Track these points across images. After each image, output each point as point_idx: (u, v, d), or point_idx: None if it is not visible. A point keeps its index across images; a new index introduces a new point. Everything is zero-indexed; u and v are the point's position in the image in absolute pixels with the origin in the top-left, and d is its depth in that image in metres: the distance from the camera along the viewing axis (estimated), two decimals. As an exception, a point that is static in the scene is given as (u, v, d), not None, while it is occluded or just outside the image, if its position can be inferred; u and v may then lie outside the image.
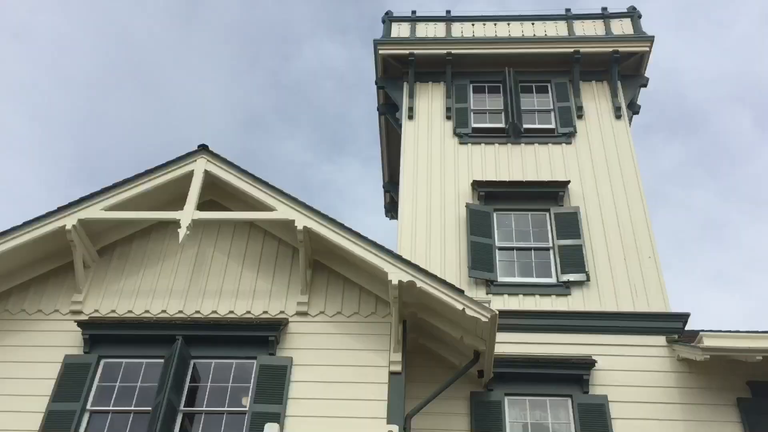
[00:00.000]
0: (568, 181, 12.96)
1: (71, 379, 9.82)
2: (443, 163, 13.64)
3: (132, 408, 9.76)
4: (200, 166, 10.90)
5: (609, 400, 10.33)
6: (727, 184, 40.12)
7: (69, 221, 10.32)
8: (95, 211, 10.47)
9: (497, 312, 9.40)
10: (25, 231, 10.27)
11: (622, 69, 14.94)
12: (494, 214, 12.74)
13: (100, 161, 42.05)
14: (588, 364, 10.57)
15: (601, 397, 10.37)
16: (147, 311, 10.50)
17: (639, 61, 14.96)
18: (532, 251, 12.31)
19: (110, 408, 9.77)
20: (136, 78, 42.35)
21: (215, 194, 11.48)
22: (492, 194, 12.94)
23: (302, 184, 42.25)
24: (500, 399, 10.47)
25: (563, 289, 11.66)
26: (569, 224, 12.39)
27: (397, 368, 9.72)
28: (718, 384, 10.43)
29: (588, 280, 11.68)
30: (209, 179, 11.04)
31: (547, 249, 12.29)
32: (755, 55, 38.65)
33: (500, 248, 12.34)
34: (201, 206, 11.11)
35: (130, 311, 10.51)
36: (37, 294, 10.74)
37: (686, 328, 11.24)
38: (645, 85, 15.03)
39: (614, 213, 12.62)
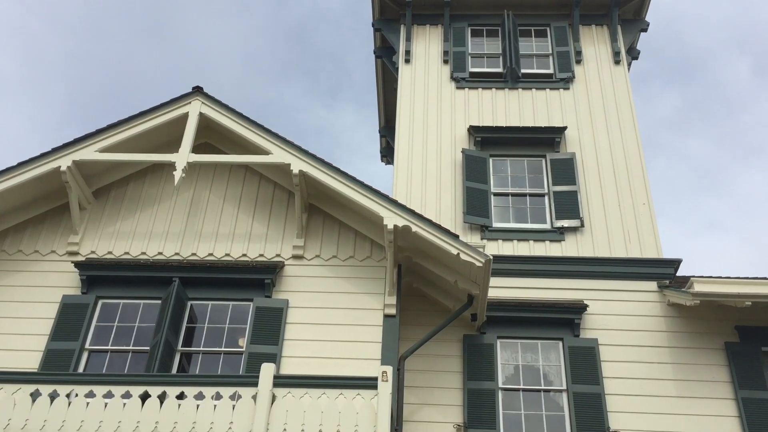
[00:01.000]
0: (565, 127, 12.91)
1: (69, 319, 9.95)
2: (440, 108, 13.55)
3: (130, 347, 9.93)
4: (195, 108, 10.80)
5: (599, 344, 10.52)
6: (723, 133, 40.03)
7: (64, 162, 10.29)
8: (90, 153, 10.42)
9: (491, 257, 9.48)
10: (20, 172, 10.24)
11: (623, 13, 14.74)
12: (490, 160, 12.73)
13: (92, 103, 41.62)
14: (579, 308, 10.72)
15: (591, 340, 10.55)
16: (143, 253, 10.57)
17: (640, 4, 14.74)
18: (527, 197, 12.34)
19: (108, 347, 9.94)
20: (130, 19, 41.57)
21: (210, 137, 11.43)
22: (488, 140, 12.90)
23: (297, 130, 42.00)
24: (492, 342, 10.65)
25: (557, 234, 11.74)
26: (565, 170, 12.40)
27: (392, 311, 9.85)
28: (707, 328, 10.62)
29: (582, 226, 11.75)
30: (204, 122, 10.97)
31: (542, 195, 12.33)
32: (756, 0, 38.06)
33: (495, 194, 12.37)
34: (196, 149, 11.09)
35: (126, 253, 10.58)
36: (34, 235, 10.78)
37: (678, 274, 11.39)
38: (645, 30, 14.83)
39: (610, 159, 12.62)
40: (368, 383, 8.37)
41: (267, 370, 8.38)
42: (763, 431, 9.66)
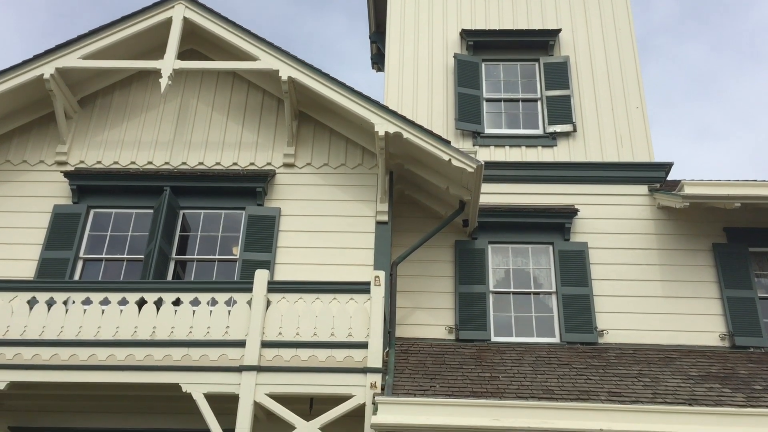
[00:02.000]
0: (559, 30, 12.63)
1: (62, 229, 9.97)
2: (431, 11, 13.18)
3: (125, 256, 10.01)
4: (179, 12, 10.48)
5: (589, 247, 10.66)
6: (719, 38, 39.34)
7: (47, 70, 10.06)
8: (73, 60, 10.17)
9: (483, 162, 9.46)
10: (2, 80, 10.02)
11: None
12: (482, 65, 12.51)
13: (77, 10, 40.30)
14: (570, 212, 10.80)
15: (581, 243, 10.69)
16: (133, 163, 10.49)
17: None
18: (520, 102, 12.21)
19: (103, 256, 10.01)
20: None
21: (196, 43, 11.16)
22: (481, 44, 12.63)
23: (285, 39, 41.00)
24: (484, 247, 10.77)
25: (549, 140, 11.69)
26: (558, 74, 12.21)
27: (384, 218, 9.91)
28: (696, 231, 10.76)
29: (574, 131, 11.68)
30: (189, 27, 10.67)
31: (535, 100, 12.19)
32: None
33: (488, 100, 12.22)
34: (182, 56, 10.86)
35: (116, 162, 10.50)
36: (21, 145, 10.66)
37: (669, 178, 11.44)
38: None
39: (604, 62, 12.41)
40: (361, 288, 8.52)
41: (261, 276, 8.49)
42: (746, 328, 9.96)
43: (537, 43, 12.57)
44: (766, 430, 7.07)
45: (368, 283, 8.49)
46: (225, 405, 8.06)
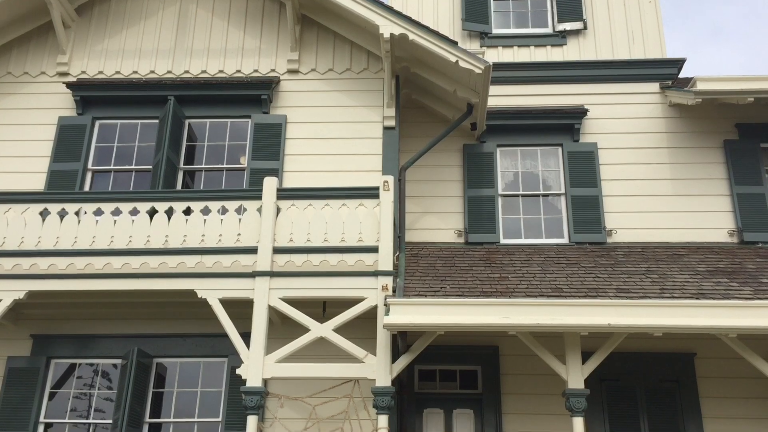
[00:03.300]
0: None
1: (68, 140, 9.94)
2: None
3: (133, 167, 10.01)
4: None
5: (598, 147, 10.57)
6: (737, -71, 37.63)
7: (41, -23, 9.78)
8: (66, -34, 9.87)
9: (491, 63, 9.25)
10: (-3, -12, 9.76)
11: None
12: (490, -38, 12.03)
13: None
14: (579, 113, 10.65)
15: (590, 144, 10.59)
16: (135, 72, 10.34)
17: None
18: (528, 0, 11.82)
19: (111, 167, 10.02)
20: None
21: (192, -55, 10.76)
22: (488, -61, 12.11)
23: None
24: (492, 150, 10.70)
25: (559, 39, 11.38)
26: (568, -31, 11.76)
27: (391, 123, 9.80)
28: (707, 128, 10.62)
29: (585, 28, 11.36)
30: (183, -72, 10.28)
31: (544, -2, 11.79)
32: None
33: (495, -1, 11.84)
34: (178, -41, 10.50)
35: (118, 72, 10.35)
36: (21, 56, 10.50)
37: (680, 76, 11.20)
38: None
39: (616, -45, 11.91)
40: (370, 193, 8.52)
41: (270, 183, 8.50)
42: (755, 224, 9.98)
43: (546, -64, 12.04)
44: (772, 320, 7.19)
45: (377, 188, 8.49)
46: (240, 310, 8.24)
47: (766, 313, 7.22)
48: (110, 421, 8.71)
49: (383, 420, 7.60)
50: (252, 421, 7.64)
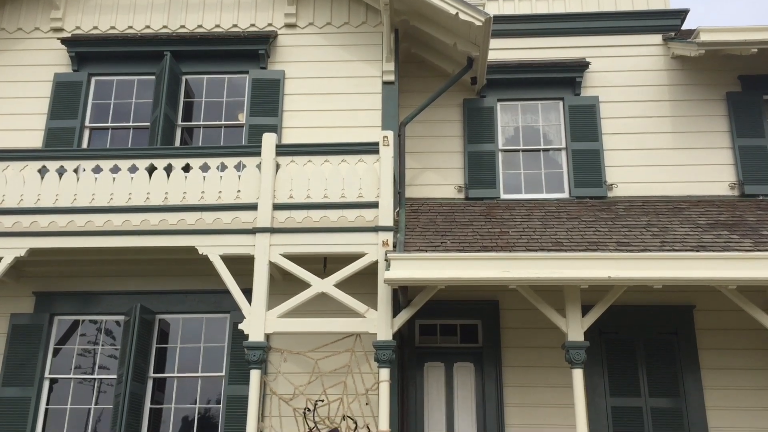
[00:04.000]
0: None
1: (65, 97, 9.85)
2: None
3: (130, 124, 9.94)
4: None
5: (600, 101, 10.48)
6: None
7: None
8: None
9: (491, 15, 9.11)
10: (-15, -58, 9.56)
11: None
12: None
13: None
14: (581, 66, 10.53)
15: (592, 98, 10.49)
16: (130, 27, 10.20)
17: None
18: (530, -49, 11.58)
19: (109, 124, 9.95)
20: None
21: None
22: None
23: None
24: (492, 105, 10.61)
25: (560, -10, 11.20)
26: None
27: (390, 78, 9.69)
28: (710, 80, 10.51)
29: (587, -21, 11.18)
30: None
31: (546, -52, 11.55)
32: None
33: (496, -51, 11.59)
34: None
35: (112, 27, 10.21)
36: (14, 12, 10.34)
37: (683, 28, 11.03)
38: None
39: None
40: (370, 148, 8.47)
41: (269, 139, 8.45)
42: (756, 176, 9.95)
43: None
44: (772, 272, 7.21)
45: (377, 144, 8.44)
46: (241, 266, 8.26)
47: (766, 264, 7.24)
48: (115, 377, 8.81)
49: (385, 373, 7.69)
50: (255, 375, 7.72)
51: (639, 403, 8.98)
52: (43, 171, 8.55)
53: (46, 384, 8.89)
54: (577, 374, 7.57)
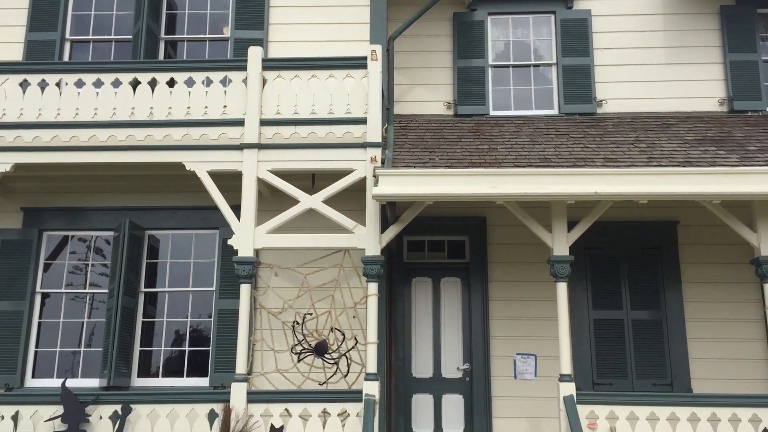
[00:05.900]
0: None
1: (43, 8, 9.54)
2: None
3: (112, 36, 9.69)
4: None
5: (592, 15, 10.27)
6: None
7: None
8: None
9: (483, -77, 8.81)
10: None
11: None
12: None
13: None
14: (574, -22, 10.29)
15: (584, 11, 10.28)
16: (108, -66, 9.82)
17: None
18: None
19: (90, 37, 9.70)
20: None
21: None
22: None
23: None
24: (483, 19, 10.39)
25: None
26: None
27: (379, -11, 9.44)
28: (704, -6, 10.33)
29: None
30: None
31: None
32: None
33: None
34: None
35: (89, -66, 9.83)
36: None
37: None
38: None
39: None
40: (358, 63, 8.33)
41: (255, 53, 8.29)
42: (746, 92, 9.90)
43: None
44: (756, 186, 7.28)
45: (365, 58, 8.30)
46: (230, 183, 8.24)
47: (750, 179, 7.31)
48: (106, 291, 8.92)
49: (373, 287, 7.82)
50: (245, 289, 7.83)
51: (621, 315, 9.23)
52: (24, 85, 8.37)
53: (38, 298, 8.99)
54: (561, 288, 7.73)
